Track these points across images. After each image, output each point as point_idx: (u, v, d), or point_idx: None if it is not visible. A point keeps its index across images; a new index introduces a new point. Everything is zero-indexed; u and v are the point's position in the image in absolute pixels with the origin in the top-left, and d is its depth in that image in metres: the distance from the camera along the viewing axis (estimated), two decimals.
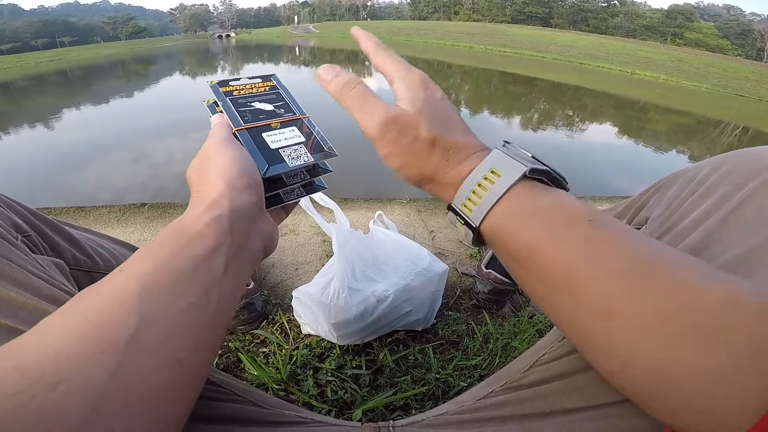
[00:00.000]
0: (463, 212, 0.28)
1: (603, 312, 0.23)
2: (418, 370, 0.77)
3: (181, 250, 0.26)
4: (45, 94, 8.72)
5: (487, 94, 8.08)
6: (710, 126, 6.71)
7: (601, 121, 5.91)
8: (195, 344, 0.25)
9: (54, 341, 0.20)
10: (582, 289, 0.24)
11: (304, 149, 0.39)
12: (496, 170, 0.28)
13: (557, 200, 0.27)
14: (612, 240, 0.24)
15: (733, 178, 0.35)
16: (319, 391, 0.72)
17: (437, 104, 0.32)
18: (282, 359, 0.76)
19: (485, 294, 0.94)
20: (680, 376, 0.21)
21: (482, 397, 0.38)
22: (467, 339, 0.85)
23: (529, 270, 0.26)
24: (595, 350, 0.24)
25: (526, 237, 0.26)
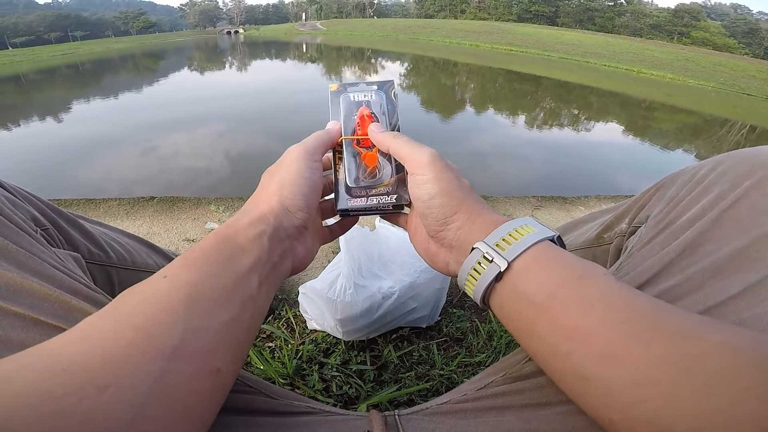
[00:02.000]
0: (496, 250, 0.29)
1: (610, 357, 0.23)
2: (422, 366, 0.78)
3: (225, 262, 0.27)
4: (56, 87, 8.80)
5: (493, 92, 8.04)
6: (717, 125, 6.65)
7: (606, 119, 5.88)
8: (232, 356, 0.26)
9: (101, 345, 0.21)
10: (593, 335, 0.24)
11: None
12: (527, 226, 0.30)
13: (574, 257, 0.29)
14: (624, 291, 0.26)
15: (729, 177, 0.35)
16: (324, 386, 0.73)
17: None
18: (288, 354, 0.77)
19: None
20: (678, 423, 0.21)
21: (483, 387, 0.38)
22: (471, 336, 0.86)
23: (545, 314, 0.27)
24: (596, 398, 0.25)
25: (550, 281, 0.27)
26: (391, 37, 29.85)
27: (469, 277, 0.31)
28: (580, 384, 0.25)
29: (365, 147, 0.39)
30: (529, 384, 0.35)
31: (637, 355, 0.23)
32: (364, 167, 0.39)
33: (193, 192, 2.20)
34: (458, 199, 0.33)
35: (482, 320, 0.91)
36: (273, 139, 3.54)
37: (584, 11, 68.16)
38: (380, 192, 0.38)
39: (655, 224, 0.40)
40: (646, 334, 0.23)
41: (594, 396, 0.25)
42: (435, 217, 0.34)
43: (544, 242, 0.29)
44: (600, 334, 0.24)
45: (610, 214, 0.61)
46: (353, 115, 0.40)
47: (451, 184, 0.34)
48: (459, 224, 0.33)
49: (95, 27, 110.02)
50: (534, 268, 0.28)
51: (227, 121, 4.22)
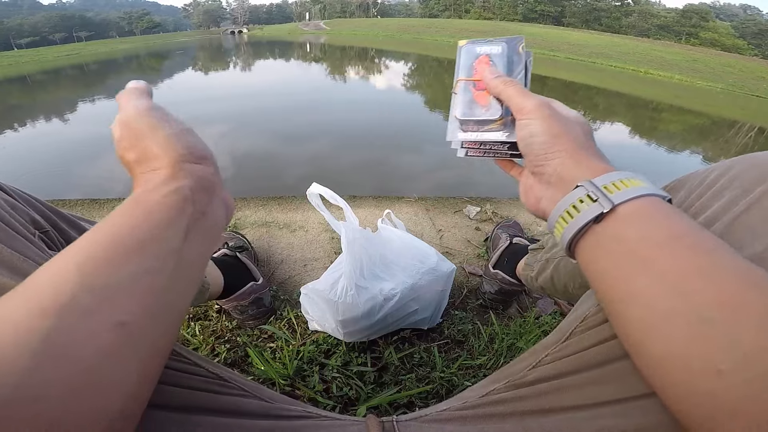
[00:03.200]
0: (604, 191, 0.28)
1: (736, 301, 0.23)
2: (423, 368, 0.78)
3: (138, 220, 0.26)
4: (61, 87, 8.87)
5: None
6: (725, 127, 6.58)
7: (613, 120, 5.83)
8: (143, 308, 0.24)
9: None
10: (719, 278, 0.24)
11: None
12: (639, 179, 0.29)
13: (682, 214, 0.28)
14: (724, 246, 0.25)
15: (741, 183, 0.34)
16: (324, 387, 0.73)
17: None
18: (289, 355, 0.77)
19: (492, 294, 0.94)
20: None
21: (485, 395, 0.38)
22: (473, 339, 0.86)
23: (667, 250, 0.25)
24: (714, 343, 0.23)
25: (673, 224, 0.26)
26: (395, 37, 29.84)
27: (564, 214, 0.30)
28: (697, 328, 0.23)
29: (479, 89, 0.40)
30: (532, 391, 0.34)
31: (762, 299, 0.22)
32: (477, 105, 0.40)
33: None
34: (562, 138, 0.33)
35: (484, 323, 0.91)
36: (276, 139, 3.55)
37: (590, 11, 67.84)
38: (492, 128, 0.39)
39: None
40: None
41: (712, 341, 0.23)
42: (535, 153, 0.34)
43: (656, 197, 0.28)
44: (726, 278, 0.23)
45: None
46: (472, 61, 0.41)
47: (555, 127, 0.33)
48: (560, 161, 0.33)
49: (100, 27, 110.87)
50: (647, 214, 0.27)
51: (231, 121, 4.23)
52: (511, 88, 0.36)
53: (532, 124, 0.34)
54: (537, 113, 0.34)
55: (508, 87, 0.37)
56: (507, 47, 0.42)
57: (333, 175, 2.45)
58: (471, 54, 0.42)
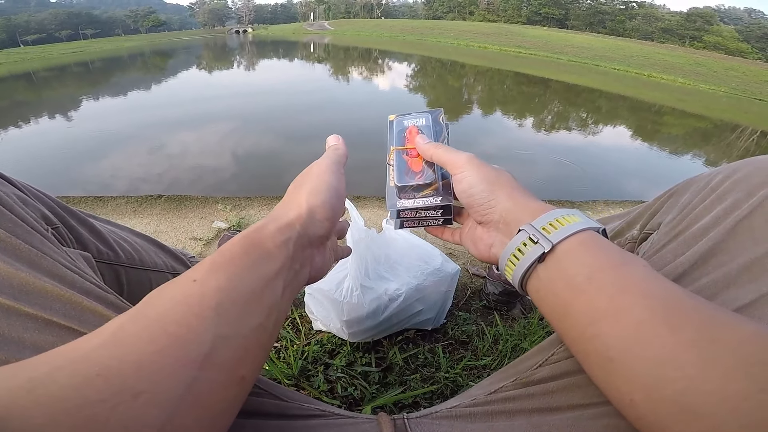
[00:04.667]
0: (542, 233, 0.30)
1: (638, 338, 0.24)
2: (428, 368, 0.78)
3: (253, 267, 0.27)
4: (66, 85, 8.88)
5: (501, 94, 8.01)
6: (728, 130, 6.56)
7: (616, 123, 5.82)
8: (256, 363, 0.26)
9: (133, 350, 0.21)
10: (624, 317, 0.25)
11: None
12: (574, 215, 0.31)
13: (617, 247, 0.30)
14: (661, 281, 0.26)
15: (745, 186, 0.35)
16: (329, 387, 0.73)
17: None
18: (293, 354, 0.77)
19: (496, 295, 0.94)
20: (702, 406, 0.21)
21: (493, 392, 0.39)
22: (477, 339, 0.86)
23: (581, 296, 0.27)
24: (619, 378, 0.25)
25: (590, 264, 0.28)
26: (399, 38, 29.84)
27: (512, 257, 0.32)
28: (604, 364, 0.26)
29: (412, 157, 0.44)
30: (540, 389, 0.35)
31: (666, 336, 0.23)
32: (411, 172, 0.43)
33: (200, 190, 2.22)
34: (497, 184, 0.36)
35: (488, 324, 0.91)
36: (280, 138, 3.55)
37: (595, 14, 67.77)
38: (427, 194, 0.42)
39: (668, 231, 0.39)
40: (677, 318, 0.24)
41: (617, 376, 0.25)
42: (479, 202, 0.36)
43: (589, 231, 0.30)
44: (630, 316, 0.25)
45: (621, 220, 0.60)
46: (404, 132, 0.46)
47: (488, 174, 0.36)
48: (503, 206, 0.35)
49: (106, 25, 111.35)
50: (577, 251, 0.29)
51: (235, 120, 4.24)
52: (440, 149, 0.39)
53: (468, 176, 0.36)
54: (469, 165, 0.37)
55: (438, 149, 0.40)
56: (431, 118, 0.47)
57: None
58: (401, 126, 0.47)
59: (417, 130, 0.45)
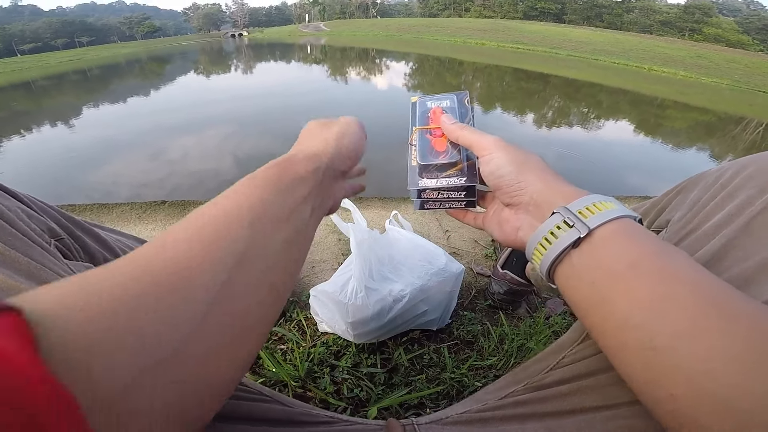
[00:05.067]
0: (579, 216, 0.29)
1: (689, 331, 0.23)
2: (433, 369, 0.78)
3: (286, 189, 0.30)
4: (65, 93, 8.91)
5: (500, 90, 7.98)
6: (732, 123, 6.51)
7: (617, 118, 5.78)
8: (286, 275, 0.28)
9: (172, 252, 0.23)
10: (674, 310, 0.24)
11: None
12: (610, 202, 0.30)
13: (656, 236, 0.29)
14: (706, 271, 0.25)
15: (757, 182, 0.34)
16: (335, 389, 0.73)
17: None
18: (300, 356, 0.78)
19: (501, 294, 0.94)
20: (747, 404, 0.20)
21: (504, 396, 0.38)
22: (482, 339, 0.86)
23: (622, 284, 0.26)
24: (661, 370, 0.24)
25: (632, 251, 0.27)
26: (395, 37, 29.82)
27: (543, 240, 0.31)
28: (646, 356, 0.24)
29: (436, 137, 0.43)
30: (552, 392, 0.34)
31: (719, 328, 0.22)
32: (434, 151, 0.42)
33: (202, 194, 2.22)
34: (526, 165, 0.35)
35: (494, 323, 0.91)
36: (278, 140, 3.55)
37: (591, 8, 67.53)
38: (451, 174, 0.41)
39: (678, 230, 0.39)
40: (729, 310, 0.22)
41: (660, 368, 0.23)
42: (507, 183, 0.35)
43: (627, 219, 0.29)
44: (680, 306, 0.23)
45: None
46: (428, 113, 0.45)
47: (517, 155, 0.35)
48: (534, 187, 0.34)
49: (101, 32, 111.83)
50: (616, 238, 0.28)
51: (234, 123, 4.24)
52: (466, 130, 0.39)
53: (496, 157, 0.36)
54: (496, 146, 0.36)
55: (464, 130, 0.39)
56: (456, 99, 0.45)
57: None
58: (424, 107, 0.46)
59: (441, 111, 0.44)
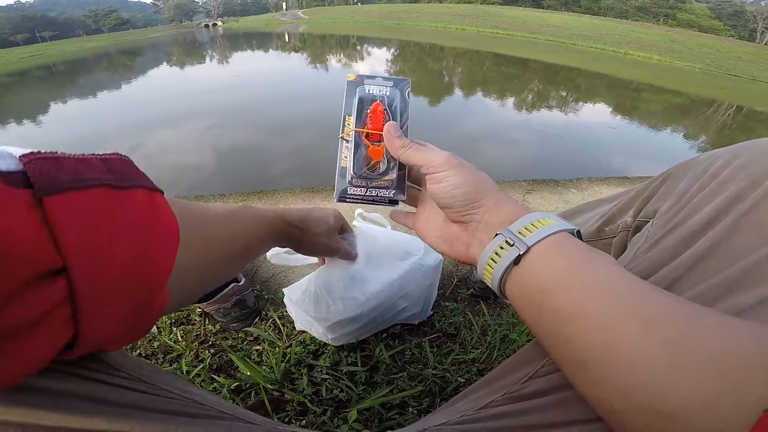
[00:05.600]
0: (518, 236, 0.30)
1: (608, 341, 0.23)
2: (415, 365, 0.75)
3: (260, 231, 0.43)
4: (30, 89, 8.51)
5: (481, 75, 7.97)
6: (704, 105, 6.67)
7: (595, 101, 5.87)
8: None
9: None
10: (593, 319, 0.24)
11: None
12: (550, 218, 0.31)
13: (588, 247, 0.30)
14: (630, 279, 0.26)
15: (748, 173, 0.32)
16: (314, 390, 0.70)
17: None
18: (275, 357, 0.74)
19: (482, 283, 0.92)
20: (676, 410, 0.20)
21: (483, 407, 0.36)
22: (465, 331, 0.83)
23: (551, 299, 0.27)
24: (595, 385, 0.24)
25: (559, 265, 0.28)
26: (376, 24, 29.45)
27: (489, 261, 0.32)
28: (579, 371, 0.25)
29: (374, 141, 0.40)
30: (533, 404, 0.33)
31: (635, 336, 0.22)
32: (369, 160, 0.40)
33: (183, 188, 2.15)
34: (482, 187, 0.35)
35: (475, 314, 0.89)
36: (260, 132, 3.47)
37: None
38: (380, 185, 0.41)
39: (664, 223, 0.37)
40: (646, 316, 0.23)
41: (593, 383, 0.24)
42: (461, 204, 0.35)
43: (564, 233, 0.30)
44: (599, 319, 0.24)
45: (611, 203, 0.57)
46: (366, 109, 0.41)
47: (471, 175, 0.35)
48: (486, 208, 0.34)
49: (64, 27, 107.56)
50: (548, 253, 0.29)
51: (213, 115, 4.11)
52: (412, 150, 0.38)
53: (451, 176, 0.35)
54: (449, 164, 0.35)
55: (409, 149, 0.38)
56: (397, 92, 0.43)
57: (317, 166, 2.40)
58: (363, 94, 0.42)
59: (382, 110, 0.41)
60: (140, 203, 0.23)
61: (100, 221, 0.20)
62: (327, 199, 1.38)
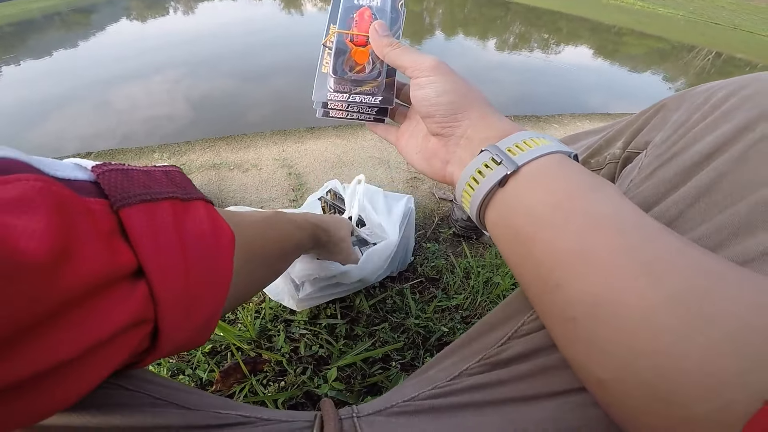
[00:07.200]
0: (507, 153, 0.26)
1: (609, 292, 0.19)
2: (397, 314, 0.72)
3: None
4: None
5: (461, 17, 7.66)
6: (684, 51, 6.66)
7: (577, 44, 5.77)
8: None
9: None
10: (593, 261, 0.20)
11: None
12: (544, 138, 0.27)
13: (590, 173, 0.25)
14: (639, 214, 0.21)
15: (758, 103, 0.27)
16: (292, 347, 0.66)
17: None
18: (249, 315, 0.70)
19: (464, 221, 0.89)
20: (675, 391, 0.16)
21: (457, 375, 0.32)
22: (447, 275, 0.81)
23: (545, 231, 0.22)
24: (584, 349, 0.20)
25: (557, 190, 0.23)
26: None
27: (471, 180, 0.28)
28: (566, 328, 0.20)
29: (359, 46, 0.36)
30: (510, 373, 0.29)
31: (645, 289, 0.18)
32: (353, 63, 0.36)
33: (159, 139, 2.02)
34: (470, 98, 0.31)
35: (457, 255, 0.86)
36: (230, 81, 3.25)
37: None
38: (365, 91, 0.37)
39: (659, 154, 0.32)
40: (658, 266, 0.18)
41: (580, 345, 0.20)
42: (443, 113, 0.31)
43: (560, 154, 0.25)
44: (601, 260, 0.19)
45: (597, 135, 0.52)
46: (352, 14, 0.37)
47: (459, 84, 0.31)
48: (470, 122, 0.30)
49: None
50: (543, 175, 0.24)
51: (180, 68, 3.82)
52: (399, 49, 0.33)
53: (437, 83, 0.31)
54: (437, 70, 0.31)
55: (396, 48, 0.33)
56: (388, 1, 0.38)
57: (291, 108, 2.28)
58: (350, 4, 0.38)
59: (370, 14, 0.37)
60: (202, 214, 0.23)
61: (172, 231, 0.21)
62: (300, 141, 1.29)
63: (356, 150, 1.24)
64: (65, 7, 9.61)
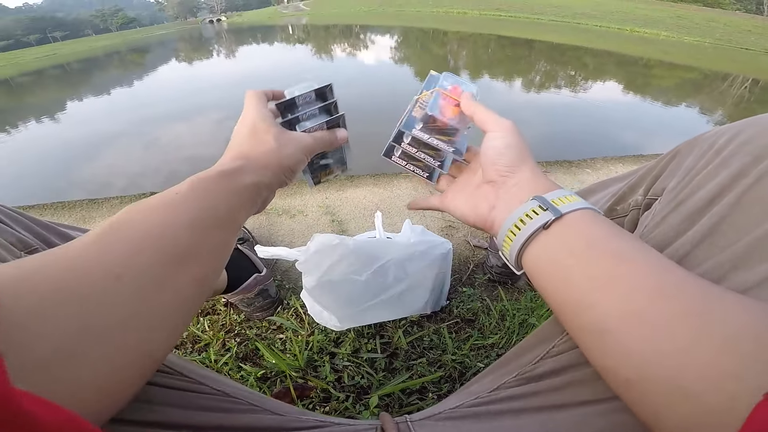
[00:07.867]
0: (552, 204, 0.32)
1: (632, 310, 0.24)
2: (434, 351, 0.77)
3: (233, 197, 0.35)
4: (46, 88, 8.61)
5: (486, 58, 7.84)
6: (718, 79, 6.49)
7: (604, 79, 5.74)
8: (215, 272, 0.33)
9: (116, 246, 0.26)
10: (619, 285, 0.25)
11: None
12: (576, 197, 0.33)
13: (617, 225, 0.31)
14: (656, 253, 0.27)
15: (751, 148, 0.32)
16: (336, 377, 0.72)
17: None
18: (299, 345, 0.76)
19: (499, 267, 0.93)
20: (691, 385, 0.20)
21: (496, 388, 0.37)
22: (483, 316, 0.84)
23: (581, 262, 0.28)
24: (614, 355, 0.24)
25: (592, 233, 0.30)
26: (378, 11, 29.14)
27: (518, 222, 0.33)
28: (599, 339, 0.25)
29: (450, 104, 0.44)
30: (545, 385, 0.34)
31: (662, 305, 0.23)
32: (445, 112, 0.44)
33: None
34: (526, 156, 0.38)
35: (493, 299, 0.90)
36: None
37: None
38: (442, 140, 0.43)
39: (669, 201, 0.37)
40: (673, 287, 0.23)
41: (612, 352, 0.24)
42: (505, 162, 0.37)
43: (592, 210, 0.32)
44: (626, 284, 0.25)
45: (623, 182, 0.57)
46: (447, 86, 0.46)
47: (522, 144, 0.38)
48: (523, 175, 0.37)
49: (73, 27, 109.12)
50: (581, 222, 0.31)
51: (225, 109, 4.13)
52: (485, 109, 0.41)
53: (509, 138, 0.38)
54: (512, 131, 0.38)
55: (481, 107, 0.41)
56: (475, 89, 0.46)
57: None
58: (445, 81, 0.46)
59: (461, 90, 0.45)
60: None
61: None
62: (341, 189, 1.38)
63: (392, 198, 1.32)
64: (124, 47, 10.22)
